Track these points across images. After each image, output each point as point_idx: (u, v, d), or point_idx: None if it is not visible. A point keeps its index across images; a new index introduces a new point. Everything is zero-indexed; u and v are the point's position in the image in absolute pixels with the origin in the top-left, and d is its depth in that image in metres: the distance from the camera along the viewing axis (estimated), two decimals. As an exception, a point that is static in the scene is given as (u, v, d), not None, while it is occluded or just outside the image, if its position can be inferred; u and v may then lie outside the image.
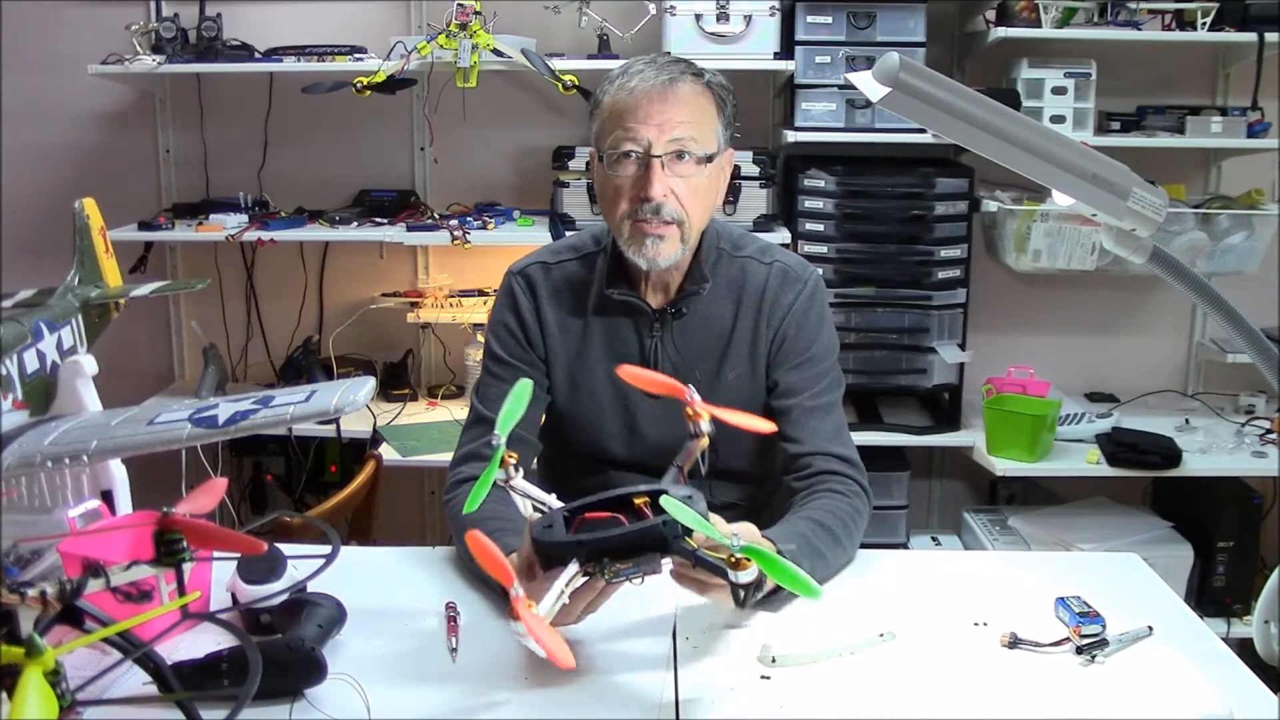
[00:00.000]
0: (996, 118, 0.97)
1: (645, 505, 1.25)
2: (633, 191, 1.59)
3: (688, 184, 1.59)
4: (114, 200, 2.07)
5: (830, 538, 1.51)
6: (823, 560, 1.49)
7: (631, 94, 1.57)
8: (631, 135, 1.57)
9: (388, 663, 1.31)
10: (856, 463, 1.66)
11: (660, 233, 1.59)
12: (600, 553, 1.21)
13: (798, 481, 1.64)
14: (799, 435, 1.66)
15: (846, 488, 1.62)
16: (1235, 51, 2.92)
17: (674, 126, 1.56)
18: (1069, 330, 3.19)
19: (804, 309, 1.70)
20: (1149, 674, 1.29)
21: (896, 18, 2.74)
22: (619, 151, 1.58)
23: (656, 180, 1.56)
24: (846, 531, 1.55)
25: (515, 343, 1.71)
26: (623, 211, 1.60)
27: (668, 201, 1.57)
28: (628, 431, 1.69)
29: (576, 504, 1.28)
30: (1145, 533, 2.79)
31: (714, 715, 1.21)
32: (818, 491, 1.61)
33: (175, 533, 1.07)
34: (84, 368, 1.50)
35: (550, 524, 1.25)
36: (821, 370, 1.70)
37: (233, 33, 2.93)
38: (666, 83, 1.57)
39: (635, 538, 1.21)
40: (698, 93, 1.60)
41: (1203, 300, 1.06)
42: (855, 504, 1.60)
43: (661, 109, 1.56)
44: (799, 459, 1.65)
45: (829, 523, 1.53)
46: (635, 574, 1.22)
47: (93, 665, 1.12)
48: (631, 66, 1.61)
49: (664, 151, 1.57)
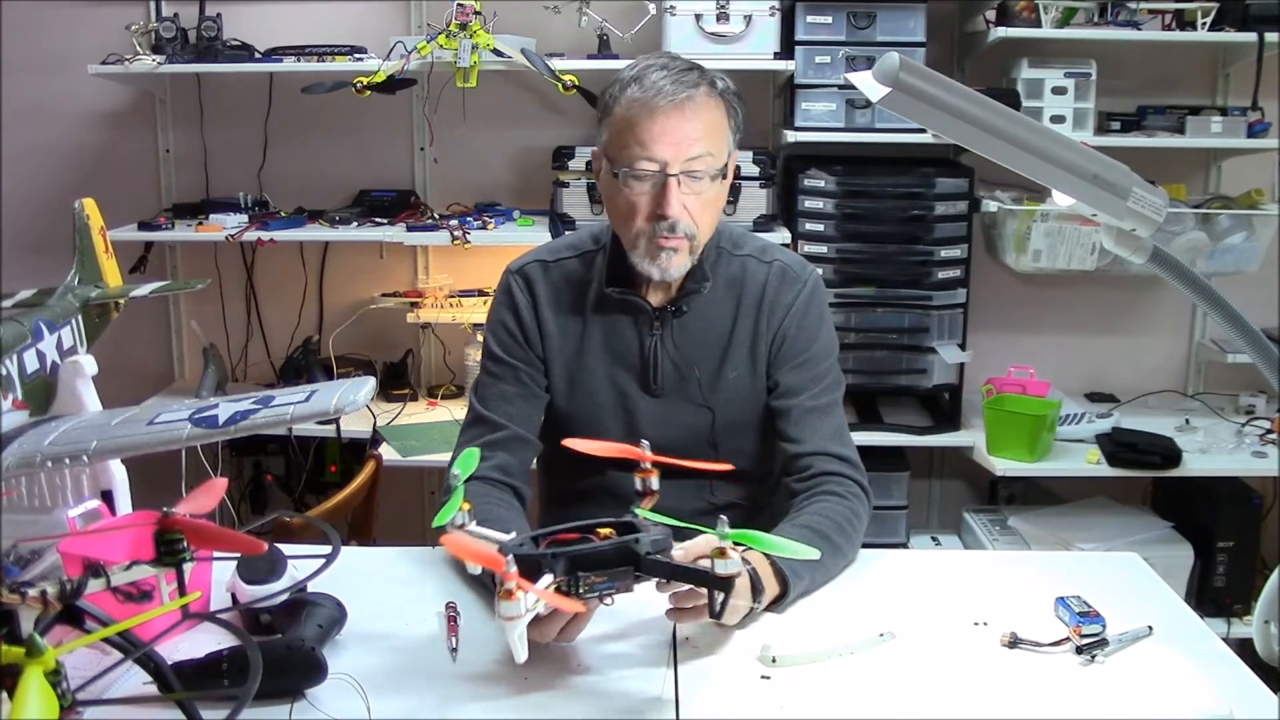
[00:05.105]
0: (996, 118, 0.97)
1: (611, 535, 1.24)
2: (649, 209, 1.58)
3: (701, 199, 1.59)
4: (114, 200, 2.07)
5: (828, 545, 1.49)
6: (821, 568, 1.48)
7: (647, 108, 1.55)
8: (648, 154, 1.55)
9: (388, 663, 1.31)
10: (856, 463, 1.66)
11: (674, 246, 1.59)
12: (574, 567, 1.20)
13: (798, 482, 1.64)
14: (799, 435, 1.66)
15: (846, 489, 1.61)
16: (1235, 51, 2.92)
17: (690, 144, 1.55)
18: (1069, 330, 3.19)
19: (804, 308, 1.70)
20: (1149, 674, 1.29)
21: (896, 18, 2.74)
22: (634, 171, 1.57)
23: (673, 199, 1.56)
24: (844, 535, 1.55)
25: (513, 341, 1.71)
26: (639, 229, 1.60)
27: (682, 217, 1.58)
28: (627, 431, 1.69)
29: (544, 530, 1.28)
30: (1145, 533, 2.79)
31: (714, 715, 1.21)
32: (816, 494, 1.60)
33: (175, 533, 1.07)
34: (84, 368, 1.50)
35: (522, 543, 1.26)
36: (821, 370, 1.70)
37: (233, 33, 2.92)
38: (684, 100, 1.55)
39: (608, 552, 1.21)
40: (711, 105, 1.58)
41: (1203, 300, 1.06)
42: (854, 505, 1.60)
43: (678, 125, 1.54)
44: (799, 459, 1.65)
45: (825, 529, 1.53)
46: (609, 589, 1.21)
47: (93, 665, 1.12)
48: (646, 74, 1.57)
49: (680, 170, 1.56)
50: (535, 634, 1.24)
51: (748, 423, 1.72)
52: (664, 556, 1.21)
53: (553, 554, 1.20)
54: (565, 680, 1.26)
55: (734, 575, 1.17)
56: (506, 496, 1.63)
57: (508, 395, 1.70)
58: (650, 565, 1.20)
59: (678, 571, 1.20)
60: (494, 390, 1.71)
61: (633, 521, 1.25)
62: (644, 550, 1.20)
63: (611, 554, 1.21)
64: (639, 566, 1.20)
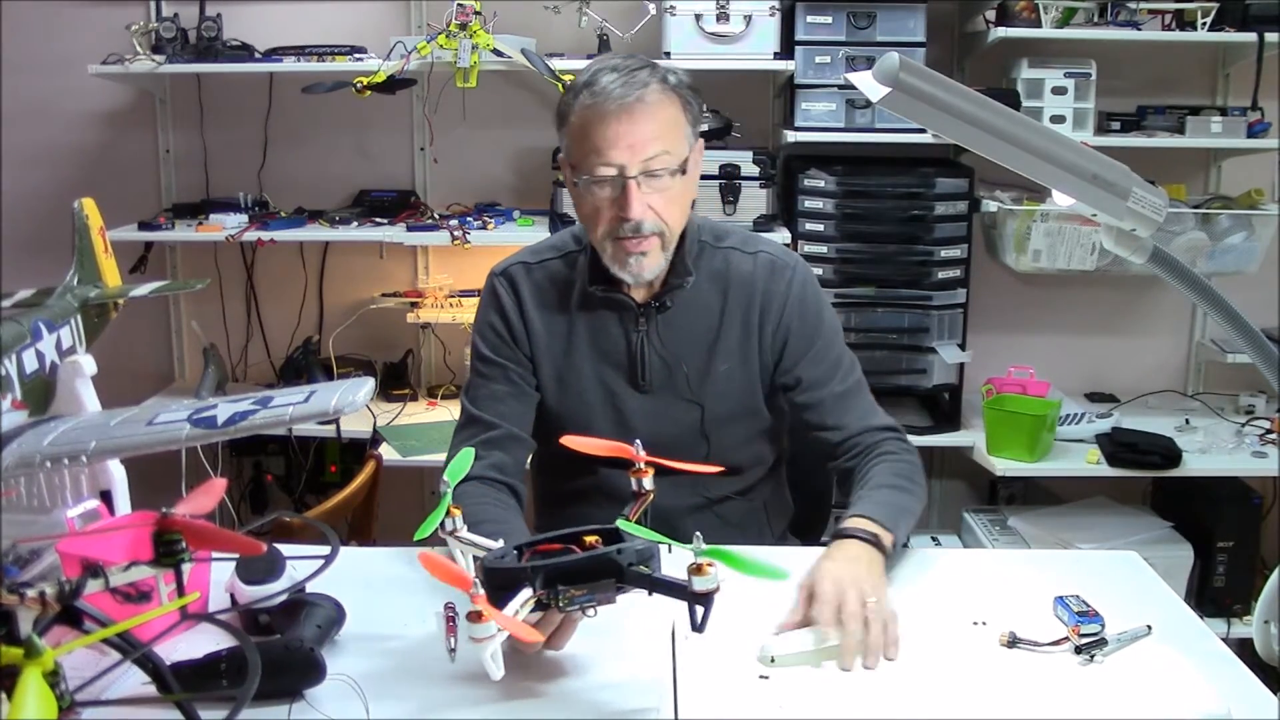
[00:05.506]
0: (996, 118, 0.97)
1: (597, 544, 1.24)
2: (611, 211, 1.59)
3: (665, 195, 1.59)
4: (114, 200, 2.07)
5: (908, 495, 1.60)
6: (909, 515, 1.58)
7: (599, 113, 1.55)
8: (604, 160, 1.56)
9: (386, 663, 1.31)
10: (895, 425, 1.73)
11: (643, 249, 1.60)
12: (554, 579, 1.19)
13: (848, 462, 1.69)
14: (839, 423, 1.70)
15: (898, 447, 1.68)
16: (1235, 51, 2.92)
17: (646, 145, 1.55)
18: (1069, 330, 3.19)
19: (800, 296, 1.71)
20: (1148, 673, 1.29)
21: (896, 18, 2.74)
22: (594, 177, 1.57)
23: (634, 201, 1.56)
24: (915, 484, 1.64)
25: (501, 341, 1.72)
26: (603, 231, 1.61)
27: (647, 217, 1.58)
28: (617, 427, 1.69)
29: (528, 540, 1.28)
30: (1145, 533, 2.78)
31: (713, 715, 1.21)
32: (872, 460, 1.66)
33: (174, 533, 1.07)
34: (83, 368, 1.50)
35: (503, 555, 1.25)
36: (836, 354, 1.73)
37: (233, 33, 2.92)
38: (633, 100, 1.54)
39: (589, 564, 1.20)
40: (664, 101, 1.57)
41: (1203, 300, 1.06)
42: (909, 459, 1.68)
43: (631, 129, 1.54)
44: (844, 444, 1.70)
45: (900, 484, 1.61)
46: (589, 602, 1.20)
47: (92, 666, 1.12)
48: (597, 79, 1.56)
49: (638, 172, 1.56)
50: (521, 645, 1.24)
51: (738, 416, 1.73)
52: (647, 567, 1.20)
53: (532, 567, 1.20)
54: (564, 681, 1.26)
55: (712, 591, 1.16)
56: (503, 496, 1.63)
57: (499, 395, 1.70)
58: (633, 577, 1.19)
59: (658, 584, 1.19)
60: (485, 390, 1.71)
61: (618, 530, 1.24)
62: (626, 561, 1.19)
63: (593, 566, 1.20)
64: (621, 578, 1.20)
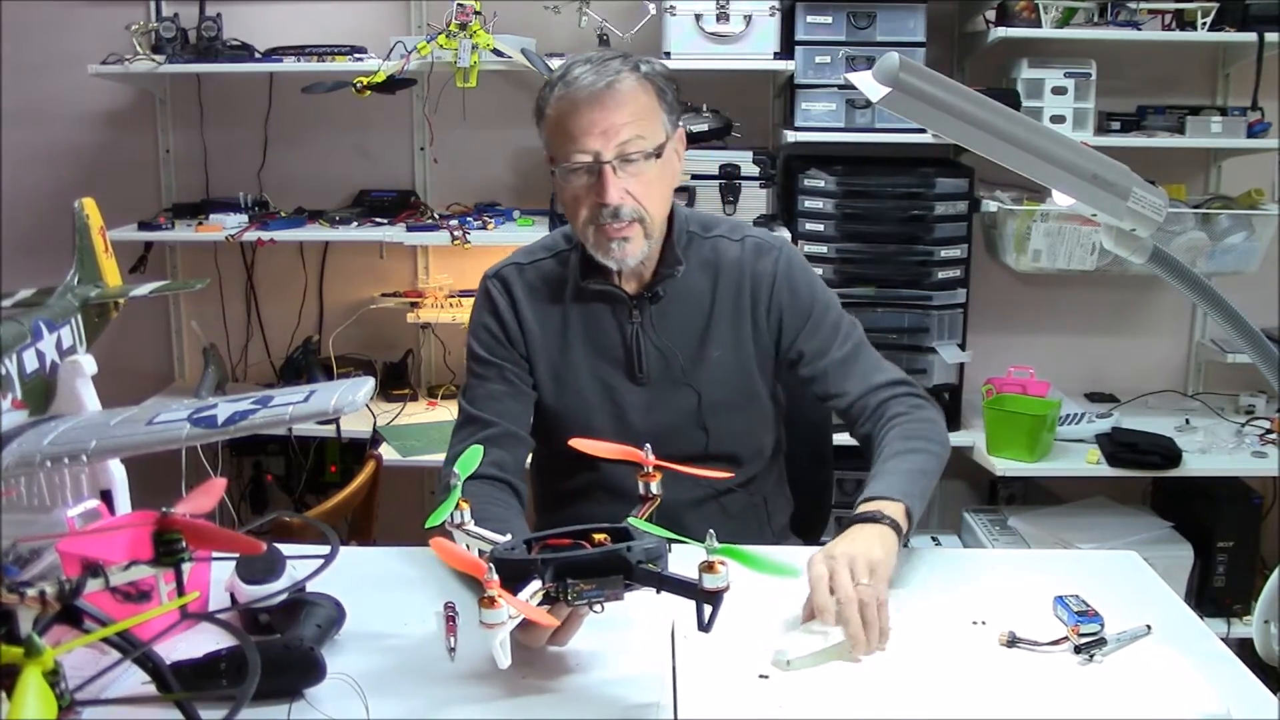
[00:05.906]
0: (996, 118, 0.97)
1: (606, 541, 1.24)
2: (590, 199, 1.60)
3: (641, 180, 1.60)
4: (114, 200, 2.06)
5: (921, 455, 1.58)
6: (924, 476, 1.56)
7: (571, 102, 1.57)
8: (579, 147, 1.58)
9: (387, 663, 1.31)
10: (905, 378, 1.72)
11: (624, 234, 1.61)
12: (563, 573, 1.20)
13: (863, 425, 1.69)
14: (843, 388, 1.71)
15: (908, 405, 1.67)
16: (1235, 51, 2.92)
17: (618, 130, 1.57)
18: (1069, 330, 3.19)
19: (787, 272, 1.73)
20: (1147, 673, 1.29)
21: (896, 18, 2.74)
22: (570, 165, 1.59)
23: (610, 186, 1.58)
24: (929, 440, 1.62)
25: (496, 341, 1.72)
26: (584, 219, 1.62)
27: (625, 202, 1.59)
28: (616, 423, 1.70)
29: (537, 535, 1.28)
30: (1145, 533, 2.78)
31: (713, 715, 1.21)
32: (884, 426, 1.65)
33: (174, 533, 1.07)
34: (83, 367, 1.50)
35: (512, 548, 1.25)
36: (832, 321, 1.74)
37: (233, 33, 2.93)
38: (604, 88, 1.57)
39: (599, 560, 1.20)
40: (636, 89, 1.60)
41: (1203, 300, 1.06)
42: (920, 414, 1.66)
43: (603, 115, 1.56)
44: (853, 407, 1.70)
45: (912, 447, 1.59)
46: (598, 596, 1.20)
47: (91, 665, 1.12)
48: (570, 71, 1.60)
49: (613, 157, 1.58)
50: (527, 639, 1.25)
51: (735, 403, 1.73)
52: (655, 565, 1.20)
53: (542, 560, 1.20)
54: (563, 680, 1.26)
55: (722, 589, 1.16)
56: (503, 494, 1.63)
57: (496, 394, 1.70)
58: (641, 575, 1.20)
59: (667, 582, 1.20)
60: (482, 390, 1.71)
61: (627, 528, 1.24)
62: (636, 559, 1.19)
63: (602, 562, 1.20)
64: (630, 575, 1.20)
